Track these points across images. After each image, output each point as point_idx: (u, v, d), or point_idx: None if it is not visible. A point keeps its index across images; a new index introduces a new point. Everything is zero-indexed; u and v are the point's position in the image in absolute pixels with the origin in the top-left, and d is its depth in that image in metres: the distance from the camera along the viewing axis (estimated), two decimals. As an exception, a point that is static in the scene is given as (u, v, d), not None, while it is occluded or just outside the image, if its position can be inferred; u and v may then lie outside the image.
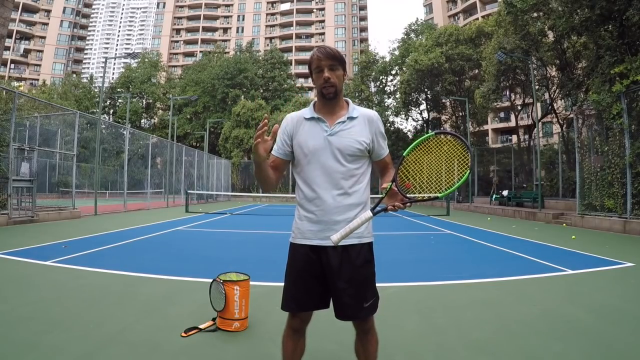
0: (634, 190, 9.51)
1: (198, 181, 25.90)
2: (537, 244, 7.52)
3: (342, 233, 1.45)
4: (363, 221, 1.46)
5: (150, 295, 3.58)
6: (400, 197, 1.49)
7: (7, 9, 9.04)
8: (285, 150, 1.68)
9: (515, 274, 4.68)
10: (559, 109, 22.97)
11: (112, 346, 2.43)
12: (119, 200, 18.74)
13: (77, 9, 68.14)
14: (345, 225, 1.57)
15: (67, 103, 35.49)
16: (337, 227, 1.58)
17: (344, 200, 1.59)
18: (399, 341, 2.59)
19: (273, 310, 3.04)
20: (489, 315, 3.14)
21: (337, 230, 1.57)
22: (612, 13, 11.40)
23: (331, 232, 1.58)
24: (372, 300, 1.62)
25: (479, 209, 18.88)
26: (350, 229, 1.45)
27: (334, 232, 1.57)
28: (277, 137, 1.69)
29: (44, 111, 13.85)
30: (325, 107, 1.66)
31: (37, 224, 9.53)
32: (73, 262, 4.91)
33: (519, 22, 17.82)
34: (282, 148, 1.68)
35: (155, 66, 48.86)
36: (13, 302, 3.24)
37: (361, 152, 1.62)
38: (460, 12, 55.05)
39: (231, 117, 37.91)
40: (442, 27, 33.27)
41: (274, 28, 68.32)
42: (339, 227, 1.58)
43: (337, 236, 1.45)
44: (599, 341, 2.61)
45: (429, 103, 32.79)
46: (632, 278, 4.61)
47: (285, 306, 1.66)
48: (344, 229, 1.45)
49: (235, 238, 8.42)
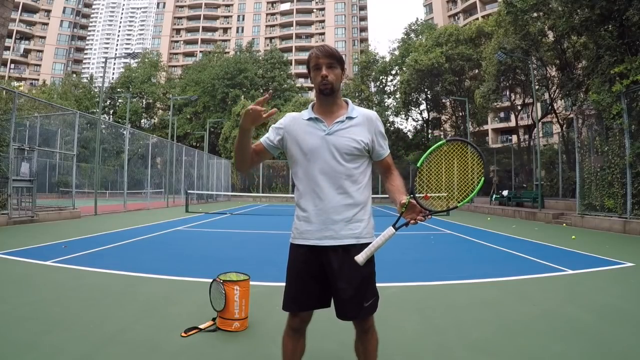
0: (634, 190, 9.50)
1: (198, 181, 25.90)
2: (537, 244, 7.51)
3: (366, 252, 1.46)
4: (386, 238, 1.46)
5: (150, 295, 3.58)
6: (419, 209, 1.49)
7: (7, 9, 9.04)
8: (271, 141, 1.70)
9: (515, 274, 4.68)
10: (559, 109, 22.98)
11: (112, 346, 2.43)
12: (119, 200, 18.74)
13: (77, 9, 68.15)
14: (344, 225, 1.58)
15: (67, 103, 35.48)
16: (336, 226, 1.58)
17: (342, 200, 1.59)
18: (399, 341, 2.59)
19: (273, 310, 3.04)
20: (489, 315, 3.14)
21: (335, 230, 1.58)
22: (612, 13, 11.39)
23: (330, 232, 1.58)
24: (372, 300, 1.63)
25: (479, 209, 18.87)
26: (374, 248, 1.46)
27: (333, 232, 1.58)
28: (271, 129, 1.72)
29: (44, 111, 13.83)
30: (324, 107, 1.67)
31: (37, 224, 9.53)
32: (73, 262, 4.90)
33: (519, 22, 17.82)
34: (269, 138, 1.70)
35: (155, 66, 48.90)
36: (13, 302, 3.24)
37: (359, 151, 1.61)
38: (460, 12, 55.07)
39: (231, 117, 37.91)
40: (442, 27, 33.29)
41: (274, 28, 68.32)
42: (337, 226, 1.58)
43: (362, 257, 1.45)
44: (599, 341, 2.61)
45: (429, 103, 32.83)
46: (632, 278, 4.60)
47: (286, 306, 1.67)
48: (368, 248, 1.46)
49: (235, 238, 8.41)
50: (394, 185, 1.69)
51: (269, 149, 1.71)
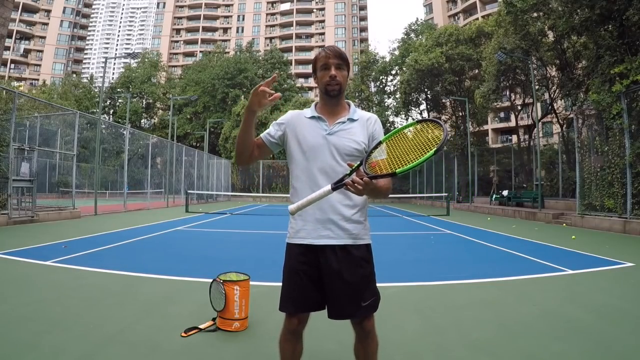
0: (634, 190, 9.50)
1: (198, 181, 25.90)
2: (537, 244, 7.51)
3: (298, 204, 1.43)
4: (320, 194, 1.42)
5: (150, 295, 3.58)
6: (361, 173, 1.43)
7: (7, 9, 9.04)
8: (272, 136, 1.70)
9: (515, 274, 4.68)
10: (559, 109, 22.97)
11: (112, 346, 2.43)
12: (119, 200, 18.74)
13: (77, 9, 68.12)
14: (342, 224, 1.58)
15: (67, 103, 35.45)
16: (333, 226, 1.58)
17: (341, 200, 1.59)
18: (399, 341, 2.59)
19: (273, 310, 3.01)
20: (489, 315, 3.14)
21: (332, 230, 1.58)
22: (612, 13, 11.39)
23: (327, 231, 1.58)
24: (371, 300, 1.61)
25: (479, 209, 18.87)
26: (307, 201, 1.42)
27: (330, 231, 1.58)
28: (272, 124, 1.73)
29: (44, 111, 13.83)
30: (327, 106, 1.67)
31: (37, 224, 9.53)
32: (73, 262, 4.90)
33: (519, 22, 17.81)
34: (269, 133, 1.70)
35: (155, 66, 48.88)
36: (13, 302, 3.24)
37: (359, 152, 1.62)
38: (460, 12, 55.04)
39: (231, 117, 37.93)
40: (442, 27, 33.26)
41: (274, 28, 68.30)
42: (334, 226, 1.58)
43: (294, 207, 1.43)
44: (599, 341, 2.61)
45: (429, 103, 32.80)
46: (632, 278, 4.60)
47: (282, 307, 1.65)
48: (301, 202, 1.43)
49: (235, 238, 8.41)
50: None
51: (269, 144, 1.70)
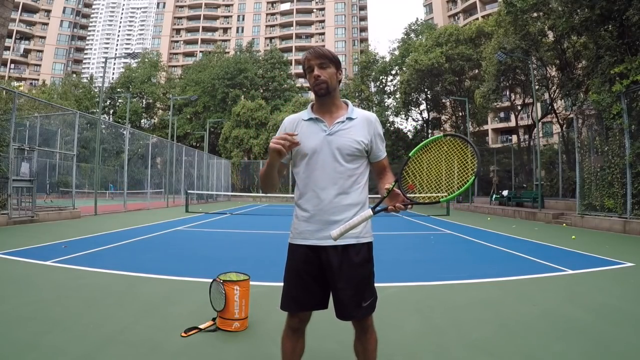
0: (634, 190, 9.50)
1: (198, 181, 25.89)
2: (537, 244, 7.51)
3: (341, 229, 1.45)
4: (363, 219, 1.46)
5: (150, 295, 3.58)
6: (401, 197, 1.47)
7: (7, 9, 9.04)
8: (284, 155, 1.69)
9: (515, 274, 4.68)
10: (559, 109, 22.97)
11: (112, 346, 2.43)
12: (119, 200, 18.74)
13: (77, 9, 68.12)
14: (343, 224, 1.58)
15: (67, 103, 35.43)
16: (335, 226, 1.58)
17: (342, 200, 1.60)
18: (399, 341, 2.59)
19: (273, 310, 3.03)
20: (489, 315, 3.14)
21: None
22: (612, 13, 11.39)
23: (329, 232, 1.58)
24: (370, 300, 1.63)
25: (479, 209, 18.87)
26: (350, 226, 1.45)
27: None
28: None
29: (44, 111, 13.83)
30: (323, 107, 1.67)
31: (37, 224, 9.53)
32: (73, 262, 4.91)
33: (519, 22, 17.81)
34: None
35: (155, 66, 48.82)
36: (13, 302, 3.24)
37: (360, 152, 1.62)
38: (460, 12, 55.04)
39: (231, 117, 37.90)
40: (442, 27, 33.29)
41: (274, 28, 68.30)
42: (336, 226, 1.58)
43: (337, 232, 1.45)
44: (599, 341, 2.61)
45: (429, 103, 32.82)
46: (632, 278, 4.61)
47: (284, 306, 1.67)
48: (344, 226, 1.46)
49: (235, 238, 8.41)
50: (383, 178, 1.70)
51: (287, 162, 1.70)
